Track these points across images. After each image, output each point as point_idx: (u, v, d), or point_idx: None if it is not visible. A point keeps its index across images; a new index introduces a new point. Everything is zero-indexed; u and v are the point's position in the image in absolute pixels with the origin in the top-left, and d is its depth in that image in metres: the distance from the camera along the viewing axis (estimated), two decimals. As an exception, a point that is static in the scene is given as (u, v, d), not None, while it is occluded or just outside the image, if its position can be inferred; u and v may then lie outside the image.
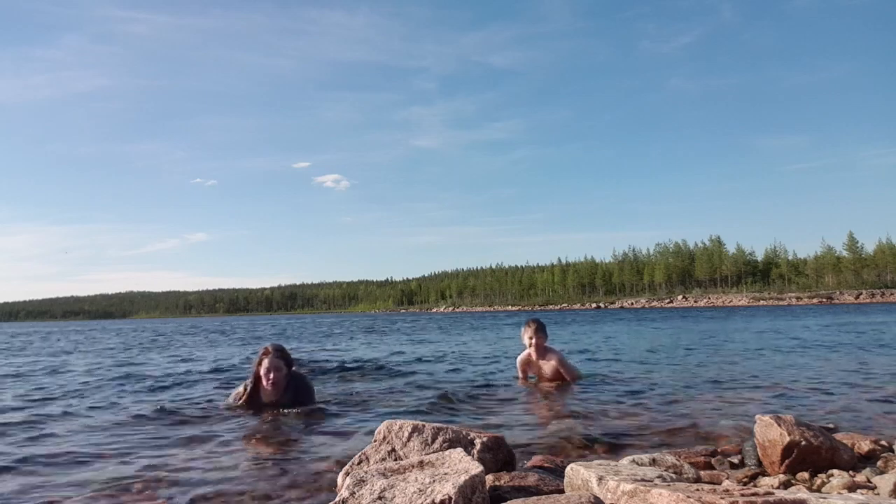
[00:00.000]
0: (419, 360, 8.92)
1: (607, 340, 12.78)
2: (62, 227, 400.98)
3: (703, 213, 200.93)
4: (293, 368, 4.42)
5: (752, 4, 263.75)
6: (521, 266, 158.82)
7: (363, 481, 1.92)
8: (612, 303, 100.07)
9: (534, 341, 5.14)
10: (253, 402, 4.33)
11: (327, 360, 8.90)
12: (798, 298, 75.25)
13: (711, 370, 6.61)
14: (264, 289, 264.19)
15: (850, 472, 2.44)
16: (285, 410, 4.22)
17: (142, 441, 3.58)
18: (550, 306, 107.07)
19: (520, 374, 5.45)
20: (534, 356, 5.23)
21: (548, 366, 5.31)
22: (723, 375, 6.09)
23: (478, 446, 2.48)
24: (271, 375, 4.21)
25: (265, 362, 4.21)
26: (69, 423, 4.23)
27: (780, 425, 2.54)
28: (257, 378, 4.27)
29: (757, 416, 2.70)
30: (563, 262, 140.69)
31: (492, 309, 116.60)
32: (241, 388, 4.46)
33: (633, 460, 2.46)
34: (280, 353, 4.26)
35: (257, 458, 3.08)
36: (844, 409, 4.16)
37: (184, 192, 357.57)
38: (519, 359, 5.47)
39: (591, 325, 22.60)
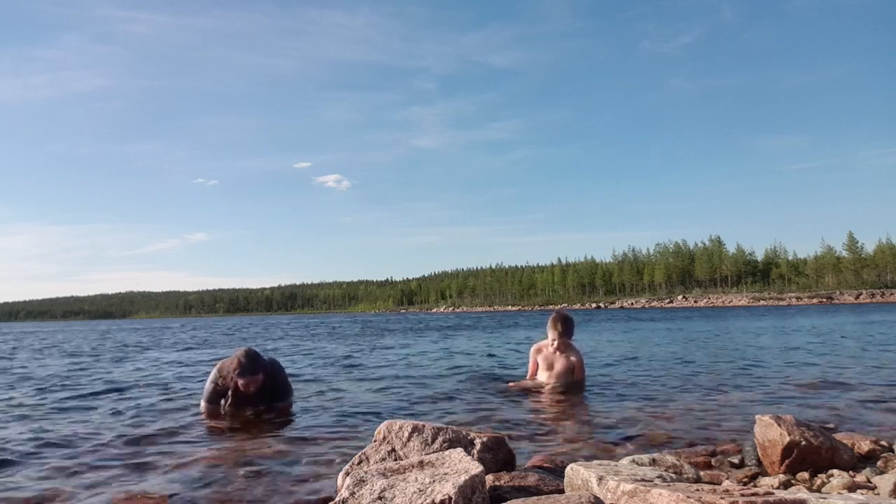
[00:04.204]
0: (420, 358, 8.93)
1: (606, 340, 12.77)
2: (62, 227, 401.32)
3: (703, 213, 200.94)
4: (266, 363, 4.30)
5: (752, 4, 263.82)
6: (521, 266, 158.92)
7: (363, 481, 1.92)
8: (612, 303, 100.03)
9: (558, 341, 5.04)
10: (234, 404, 4.25)
11: (344, 359, 8.91)
12: (798, 298, 75.21)
13: (711, 370, 6.60)
14: (264, 289, 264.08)
15: (850, 472, 2.44)
16: (276, 412, 4.21)
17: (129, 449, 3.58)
18: (550, 306, 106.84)
19: (530, 364, 5.33)
20: (552, 350, 5.10)
21: (562, 362, 5.12)
22: (722, 375, 6.09)
23: (478, 446, 2.48)
24: (251, 389, 4.13)
25: (242, 378, 4.09)
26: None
27: (779, 425, 2.55)
28: (235, 386, 4.15)
29: (757, 417, 2.70)
30: (563, 262, 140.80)
31: (492, 309, 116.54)
32: (209, 387, 4.30)
33: (633, 460, 2.46)
34: (254, 363, 4.13)
35: (256, 459, 3.07)
36: (844, 409, 4.16)
37: (184, 192, 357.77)
38: (533, 347, 5.30)
39: (591, 324, 22.58)
